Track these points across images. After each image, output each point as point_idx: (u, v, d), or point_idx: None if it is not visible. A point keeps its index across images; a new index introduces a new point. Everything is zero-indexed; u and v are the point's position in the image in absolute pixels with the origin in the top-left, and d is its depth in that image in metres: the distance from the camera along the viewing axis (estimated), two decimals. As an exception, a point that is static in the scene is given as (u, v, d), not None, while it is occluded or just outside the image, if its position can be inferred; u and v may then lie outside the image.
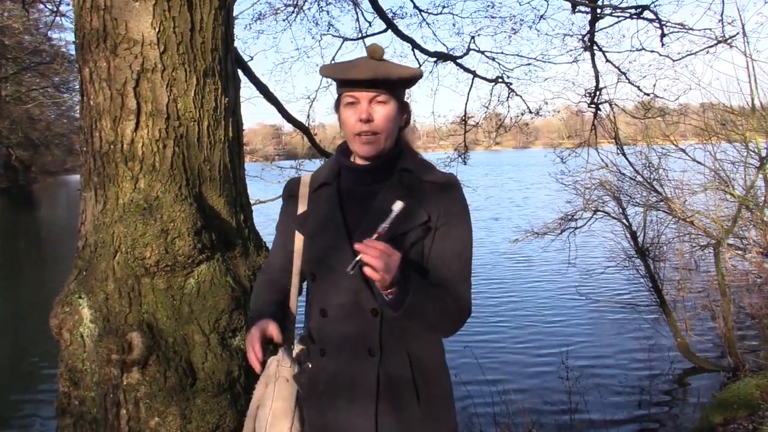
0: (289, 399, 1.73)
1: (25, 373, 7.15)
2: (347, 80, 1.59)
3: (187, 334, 2.24)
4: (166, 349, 2.19)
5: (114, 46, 2.27)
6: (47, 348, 7.31)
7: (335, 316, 1.63)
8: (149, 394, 2.13)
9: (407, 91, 1.75)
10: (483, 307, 8.78)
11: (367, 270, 1.41)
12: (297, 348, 1.80)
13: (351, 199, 1.69)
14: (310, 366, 1.69)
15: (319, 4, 9.15)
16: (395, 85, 1.61)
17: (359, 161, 1.69)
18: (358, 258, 1.43)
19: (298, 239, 1.73)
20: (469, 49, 9.24)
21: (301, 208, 1.74)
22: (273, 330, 1.63)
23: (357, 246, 1.41)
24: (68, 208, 28.86)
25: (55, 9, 8.00)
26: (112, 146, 2.30)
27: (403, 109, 1.69)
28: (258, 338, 1.60)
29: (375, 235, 1.45)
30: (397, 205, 1.47)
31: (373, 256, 1.39)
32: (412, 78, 1.64)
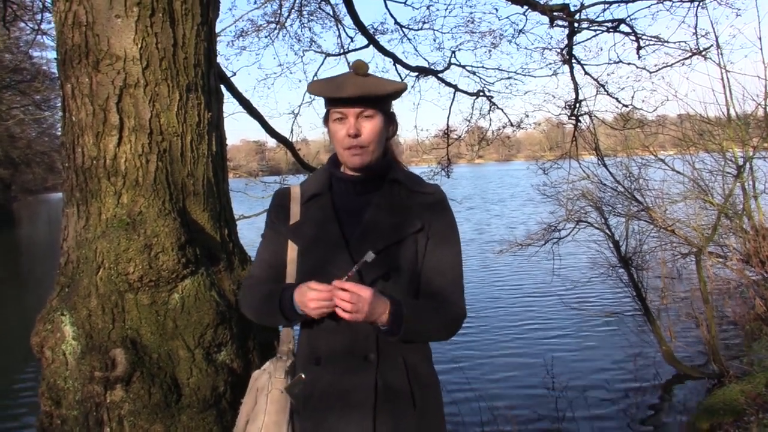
0: (283, 412, 1.72)
1: (6, 392, 7.03)
2: (336, 99, 1.63)
3: (172, 349, 2.22)
4: (151, 366, 2.17)
5: (96, 62, 2.27)
6: (29, 367, 7.22)
7: (330, 323, 1.63)
8: (133, 412, 2.11)
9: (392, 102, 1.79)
10: (468, 317, 8.78)
11: (338, 311, 1.49)
12: (289, 360, 1.79)
13: (345, 210, 1.72)
14: (303, 376, 1.68)
15: (301, 21, 9.22)
16: (381, 99, 1.65)
17: (350, 172, 1.72)
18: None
19: (291, 249, 1.74)
20: (450, 64, 9.34)
21: (293, 218, 1.76)
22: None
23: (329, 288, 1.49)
24: (49, 227, 28.55)
25: (37, 27, 7.97)
26: (94, 162, 2.29)
27: (390, 121, 1.73)
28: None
29: (345, 277, 1.51)
30: (369, 255, 1.53)
31: (342, 299, 1.47)
32: (397, 92, 1.69)
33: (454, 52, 9.48)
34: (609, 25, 7.21)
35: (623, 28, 7.22)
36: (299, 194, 1.79)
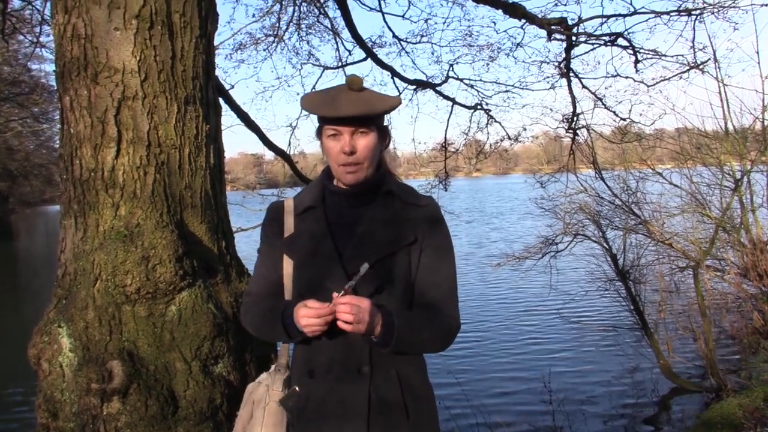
0: (280, 425, 1.71)
1: (3, 404, 6.98)
2: (330, 118, 1.63)
3: (169, 361, 2.21)
4: (147, 378, 2.16)
5: (95, 75, 2.28)
6: (26, 379, 7.16)
7: (324, 336, 1.63)
8: (130, 424, 2.10)
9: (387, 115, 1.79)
10: (465, 332, 8.78)
11: (340, 324, 1.49)
12: (287, 372, 1.79)
13: (338, 223, 1.72)
14: (297, 389, 1.68)
15: (299, 34, 9.24)
16: (375, 116, 1.65)
17: (343, 185, 1.72)
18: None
19: (287, 263, 1.74)
20: (448, 77, 9.35)
21: (287, 231, 1.75)
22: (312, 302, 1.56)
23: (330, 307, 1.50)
24: (47, 239, 28.50)
25: (35, 40, 7.98)
26: (92, 174, 2.30)
27: (384, 135, 1.73)
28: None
29: (342, 292, 1.52)
30: (364, 267, 1.54)
31: (344, 312, 1.47)
32: (391, 109, 1.69)
33: (452, 65, 9.51)
34: (607, 38, 7.24)
35: (621, 41, 7.25)
36: (293, 207, 1.78)
